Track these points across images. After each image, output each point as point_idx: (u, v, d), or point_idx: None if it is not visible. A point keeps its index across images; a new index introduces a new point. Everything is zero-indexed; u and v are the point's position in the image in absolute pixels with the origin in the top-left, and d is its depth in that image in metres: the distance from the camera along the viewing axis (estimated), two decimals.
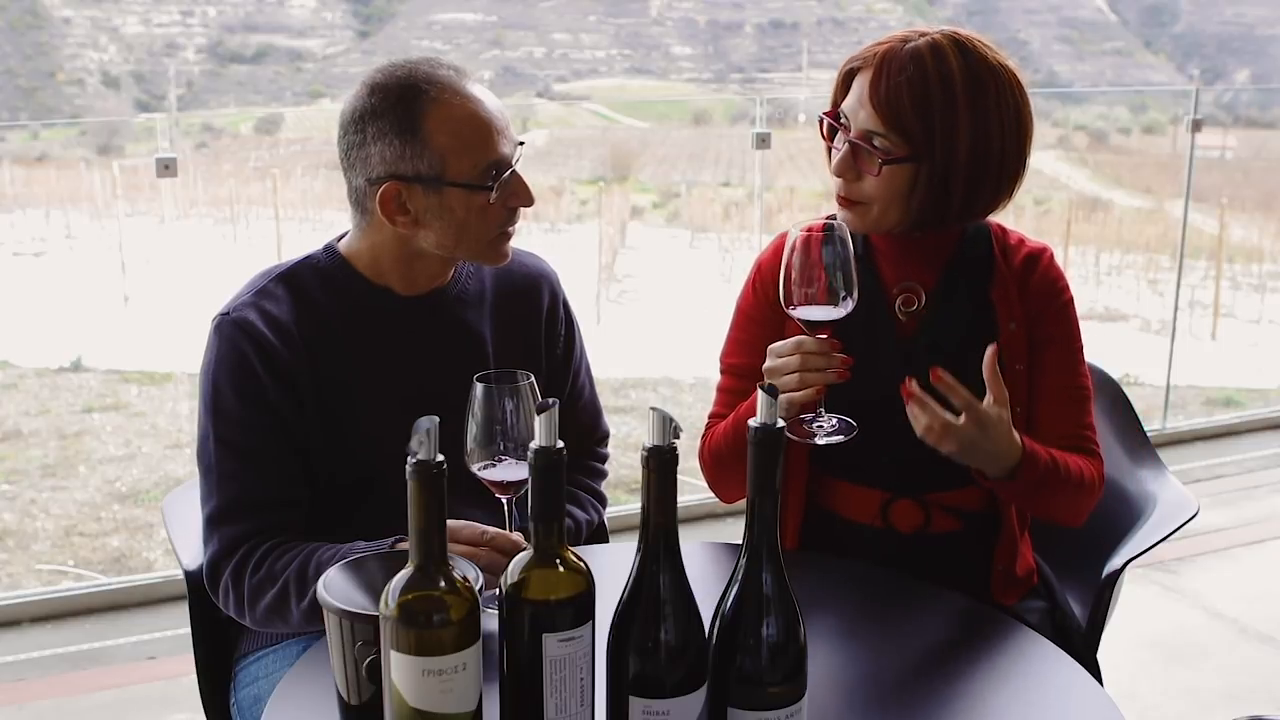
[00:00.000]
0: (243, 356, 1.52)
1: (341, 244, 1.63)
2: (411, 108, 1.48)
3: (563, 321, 1.77)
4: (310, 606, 1.42)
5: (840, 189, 1.61)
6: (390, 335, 1.60)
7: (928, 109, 1.51)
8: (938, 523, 1.66)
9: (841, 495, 1.70)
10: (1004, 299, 1.64)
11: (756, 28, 63.72)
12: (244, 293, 1.58)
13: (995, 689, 1.35)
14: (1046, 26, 64.08)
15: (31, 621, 3.17)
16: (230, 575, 1.50)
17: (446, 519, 1.01)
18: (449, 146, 1.48)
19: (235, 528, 1.50)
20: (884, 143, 1.54)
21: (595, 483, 1.82)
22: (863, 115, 1.55)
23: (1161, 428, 4.77)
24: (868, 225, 1.61)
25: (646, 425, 1.01)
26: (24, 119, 55.46)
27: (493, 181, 1.50)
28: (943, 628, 1.47)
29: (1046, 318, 1.65)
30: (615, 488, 2.03)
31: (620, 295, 11.83)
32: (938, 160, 1.53)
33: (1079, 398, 1.66)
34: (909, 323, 1.65)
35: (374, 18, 62.17)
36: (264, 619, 1.49)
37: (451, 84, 1.50)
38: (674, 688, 1.03)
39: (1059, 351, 1.65)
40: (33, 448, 6.37)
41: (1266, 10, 57.45)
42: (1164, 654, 3.02)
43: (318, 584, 1.17)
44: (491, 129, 1.50)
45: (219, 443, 1.52)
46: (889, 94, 1.52)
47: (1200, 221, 10.27)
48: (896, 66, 1.53)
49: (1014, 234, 1.72)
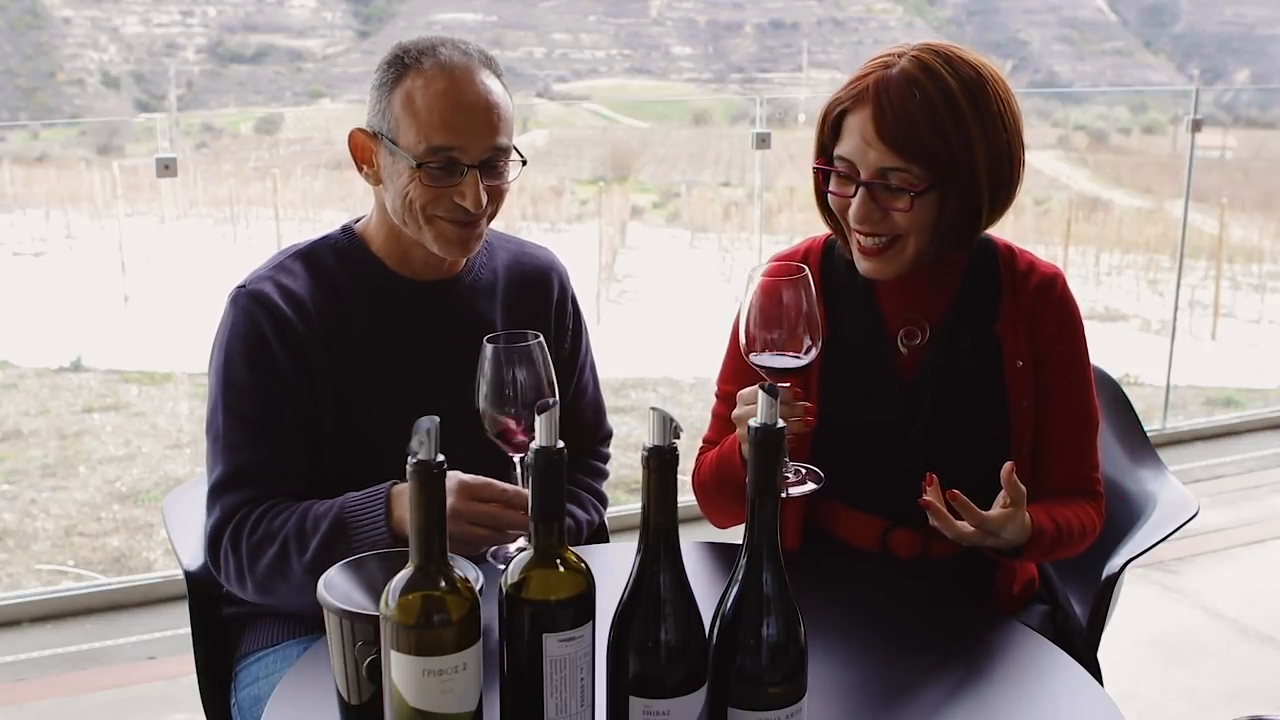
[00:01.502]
0: (256, 327, 1.53)
1: (358, 225, 1.65)
2: (396, 69, 1.51)
3: (571, 315, 1.77)
4: (312, 560, 1.42)
5: (864, 241, 1.53)
6: (403, 319, 1.61)
7: (942, 130, 1.46)
8: (937, 549, 1.62)
9: (842, 520, 1.67)
10: (1011, 333, 1.60)
11: (756, 28, 63.71)
12: (262, 268, 1.60)
13: (995, 689, 1.35)
14: (1046, 26, 64.06)
15: (31, 621, 3.17)
16: (229, 539, 1.49)
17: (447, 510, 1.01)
18: (405, 113, 1.49)
19: (236, 495, 1.50)
20: (904, 177, 1.48)
21: (596, 482, 1.82)
22: (873, 155, 1.48)
23: (1161, 428, 4.77)
24: (902, 266, 1.54)
25: (646, 425, 1.01)
26: (24, 119, 55.48)
27: (435, 164, 1.48)
28: (943, 628, 1.46)
29: (1055, 352, 1.61)
30: (615, 488, 2.03)
31: (620, 295, 11.83)
32: (963, 177, 1.48)
33: (1086, 428, 1.63)
34: (911, 356, 1.61)
35: (374, 18, 62.16)
36: (265, 581, 1.47)
37: (445, 63, 1.50)
38: (674, 688, 1.03)
39: (1066, 386, 1.62)
40: (33, 448, 6.37)
41: (1266, 10, 57.45)
42: (1164, 654, 3.02)
43: (319, 584, 1.17)
44: (455, 116, 1.48)
45: (227, 413, 1.52)
46: (899, 126, 1.46)
47: (1200, 221, 10.27)
48: (896, 96, 1.46)
49: (1023, 256, 1.66)
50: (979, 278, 1.63)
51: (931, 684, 1.32)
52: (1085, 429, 1.64)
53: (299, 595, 1.46)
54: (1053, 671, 1.35)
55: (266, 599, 1.52)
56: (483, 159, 1.50)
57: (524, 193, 14.59)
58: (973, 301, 1.62)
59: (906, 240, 1.52)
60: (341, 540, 1.42)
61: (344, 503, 1.45)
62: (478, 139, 1.50)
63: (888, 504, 1.62)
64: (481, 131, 1.50)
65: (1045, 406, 1.61)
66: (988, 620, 1.48)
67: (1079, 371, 1.64)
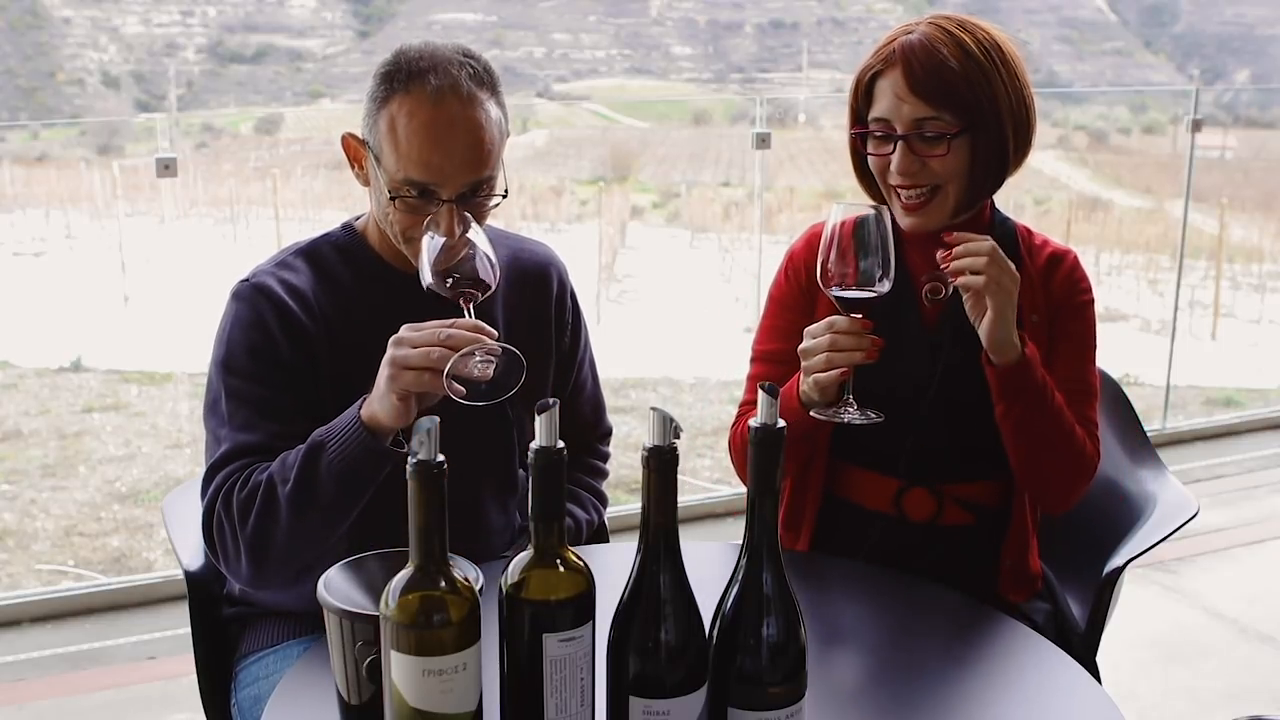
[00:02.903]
0: (259, 317, 1.53)
1: (359, 222, 1.65)
2: (386, 88, 1.49)
3: (570, 310, 1.77)
4: (294, 486, 1.40)
5: (905, 196, 1.61)
6: (404, 313, 1.60)
7: (968, 79, 1.56)
8: (950, 514, 1.68)
9: (857, 482, 1.71)
10: (1028, 292, 1.65)
11: (756, 28, 63.73)
12: (264, 264, 1.60)
13: (995, 689, 1.35)
14: (1046, 26, 64.08)
15: (31, 621, 3.17)
16: (221, 505, 1.47)
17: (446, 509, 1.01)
18: (388, 140, 1.48)
19: (230, 467, 1.49)
20: (938, 125, 1.57)
21: (596, 482, 1.83)
22: (907, 109, 1.57)
23: (1161, 428, 4.77)
24: (944, 217, 1.62)
25: (646, 425, 1.01)
26: (24, 119, 55.50)
27: (410, 196, 1.47)
28: (943, 628, 1.47)
29: (1065, 314, 1.68)
30: (615, 488, 2.03)
31: (620, 295, 11.83)
32: (990, 122, 1.57)
33: (1086, 393, 1.67)
34: (934, 310, 1.66)
35: (374, 18, 62.17)
36: (256, 534, 1.44)
37: (433, 91, 1.46)
38: (674, 688, 1.03)
39: (1072, 347, 1.68)
40: (33, 448, 6.37)
41: (1266, 10, 57.44)
42: (1164, 654, 3.02)
43: (319, 584, 1.17)
44: (434, 152, 1.46)
45: (230, 398, 1.52)
46: (929, 76, 1.56)
47: (1200, 221, 10.28)
48: (923, 53, 1.56)
49: (1039, 236, 1.75)
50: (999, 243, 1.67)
51: (932, 684, 1.32)
52: (1085, 385, 1.68)
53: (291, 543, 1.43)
54: (1052, 671, 1.35)
55: (260, 566, 1.46)
56: (460, 193, 1.48)
57: (524, 193, 14.61)
58: None
59: (946, 190, 1.61)
60: (320, 453, 1.41)
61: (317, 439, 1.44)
62: (455, 175, 1.47)
63: (903, 463, 1.67)
64: (460, 169, 1.47)
65: (1050, 361, 1.65)
66: (988, 620, 1.48)
67: (1083, 341, 1.69)
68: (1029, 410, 1.58)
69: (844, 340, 1.46)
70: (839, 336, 1.46)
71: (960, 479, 1.68)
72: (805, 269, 1.72)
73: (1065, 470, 1.63)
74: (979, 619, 1.49)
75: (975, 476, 1.68)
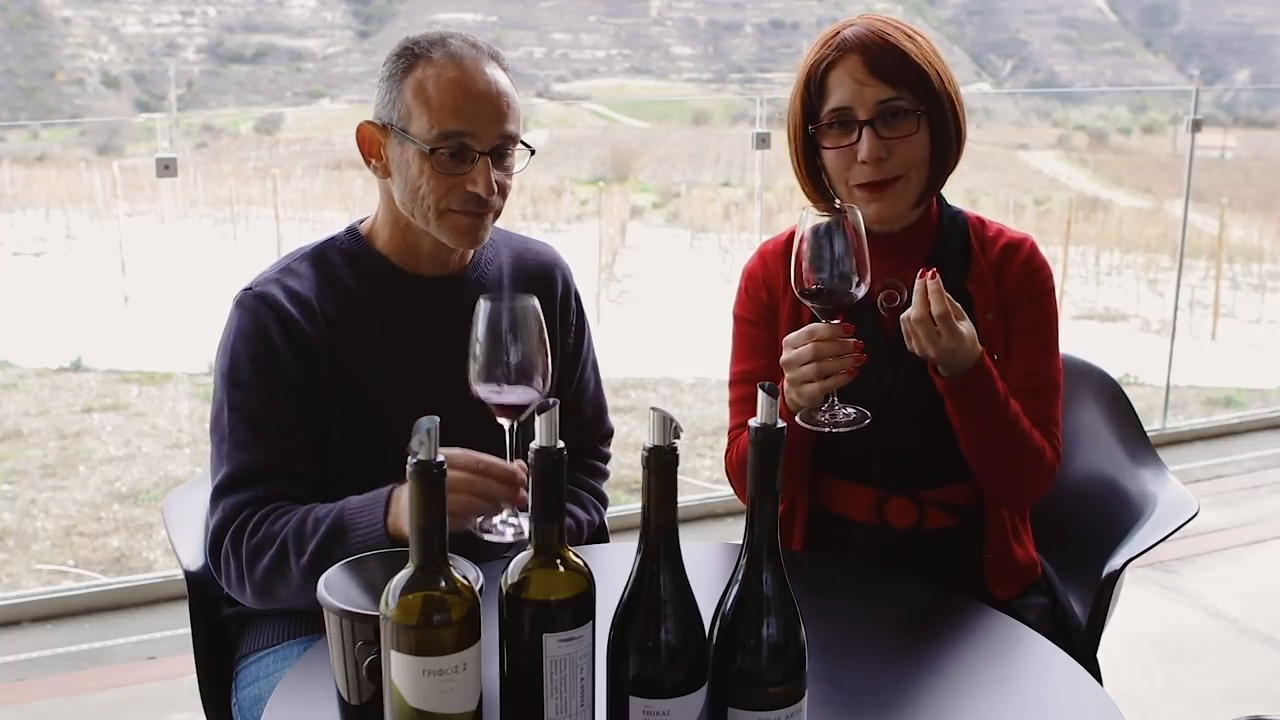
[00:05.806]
0: (262, 327, 1.53)
1: (363, 225, 1.66)
2: (406, 60, 1.53)
3: (574, 311, 1.78)
4: (309, 561, 1.41)
5: (869, 174, 1.59)
6: (410, 316, 1.61)
7: (924, 59, 1.58)
8: (932, 519, 1.68)
9: (837, 493, 1.71)
10: (981, 290, 1.65)
11: (756, 28, 63.70)
12: (267, 271, 1.61)
13: (995, 689, 1.35)
14: (1046, 26, 64.06)
15: (31, 621, 3.17)
16: (230, 540, 1.49)
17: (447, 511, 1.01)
18: (416, 101, 1.50)
19: (240, 495, 1.50)
20: (901, 104, 1.57)
21: (597, 482, 1.83)
22: (869, 92, 1.57)
23: (1161, 428, 4.77)
24: (905, 204, 1.62)
25: (646, 425, 1.01)
26: (24, 119, 55.49)
27: (446, 150, 1.49)
28: (943, 627, 1.47)
29: (1020, 306, 1.66)
30: (615, 488, 2.03)
31: (620, 295, 11.83)
32: (945, 105, 1.59)
33: (1047, 388, 1.65)
34: (891, 317, 1.64)
35: (374, 18, 62.11)
36: (264, 583, 1.47)
37: (454, 53, 1.51)
38: (674, 688, 1.03)
39: (1031, 341, 1.66)
40: (33, 448, 6.37)
41: (1266, 10, 57.41)
42: (1164, 654, 3.02)
43: (319, 584, 1.17)
44: (466, 102, 1.49)
45: (233, 412, 1.52)
46: (888, 57, 1.56)
47: (1200, 221, 10.27)
48: (876, 37, 1.58)
49: (993, 225, 1.73)
50: (950, 241, 1.69)
51: (931, 684, 1.32)
52: (1046, 379, 1.65)
53: (297, 598, 1.45)
54: (1052, 671, 1.35)
55: (265, 602, 1.51)
56: (493, 146, 1.52)
57: (524, 193, 14.59)
58: (944, 263, 1.65)
59: (909, 177, 1.60)
60: (339, 541, 1.42)
61: (345, 505, 1.45)
62: (489, 125, 1.51)
63: (878, 472, 1.67)
64: (492, 118, 1.51)
65: (1008, 354, 1.64)
66: (988, 620, 1.48)
67: (1043, 333, 1.67)
68: (983, 422, 1.56)
69: (827, 348, 1.44)
70: (822, 345, 1.44)
71: (938, 484, 1.67)
72: (765, 286, 1.71)
73: (1023, 476, 1.62)
74: (980, 619, 1.48)
75: (952, 479, 1.67)
